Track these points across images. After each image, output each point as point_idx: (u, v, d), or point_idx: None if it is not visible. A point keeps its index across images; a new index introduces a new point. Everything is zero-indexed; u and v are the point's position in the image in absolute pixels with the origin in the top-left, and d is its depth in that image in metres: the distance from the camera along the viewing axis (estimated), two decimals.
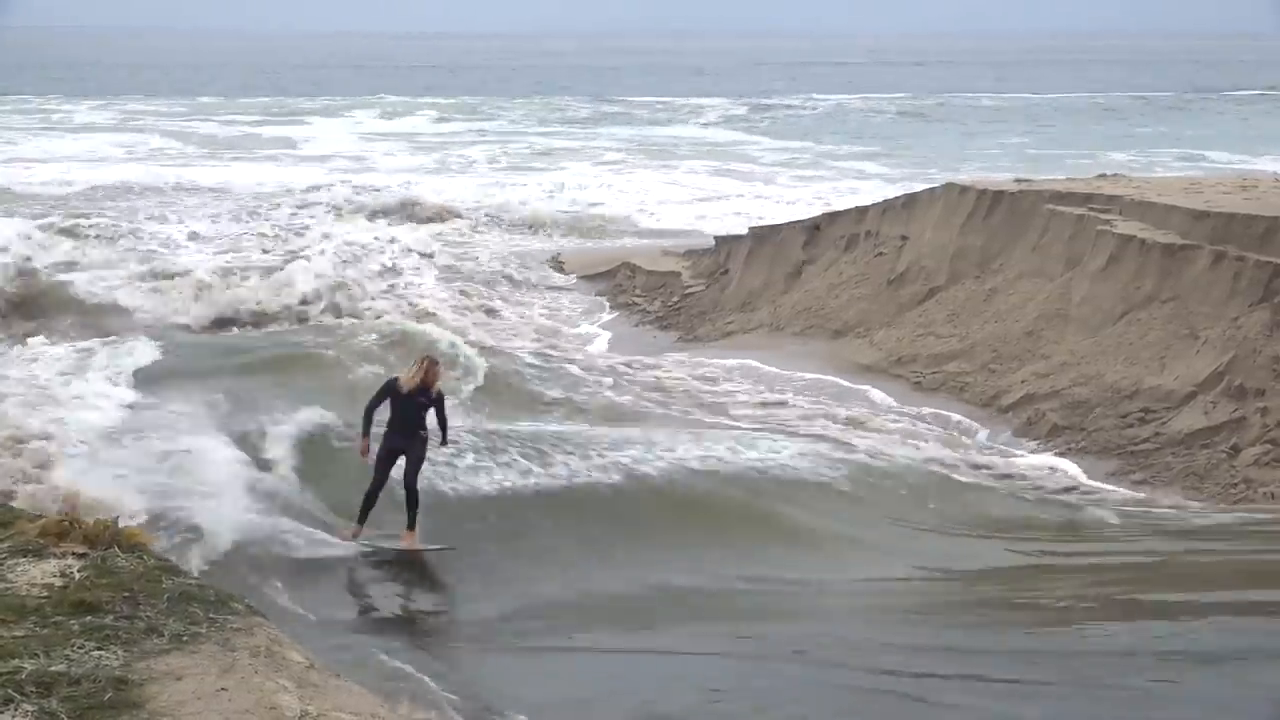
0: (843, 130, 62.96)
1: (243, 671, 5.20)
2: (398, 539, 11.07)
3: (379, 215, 32.94)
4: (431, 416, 11.19)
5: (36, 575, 5.98)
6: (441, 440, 11.42)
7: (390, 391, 11.14)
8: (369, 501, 11.11)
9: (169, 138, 55.61)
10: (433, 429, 11.29)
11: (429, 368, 11.16)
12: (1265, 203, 18.10)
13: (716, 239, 26.71)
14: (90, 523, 6.62)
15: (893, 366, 19.08)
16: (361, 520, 11.12)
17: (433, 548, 11.04)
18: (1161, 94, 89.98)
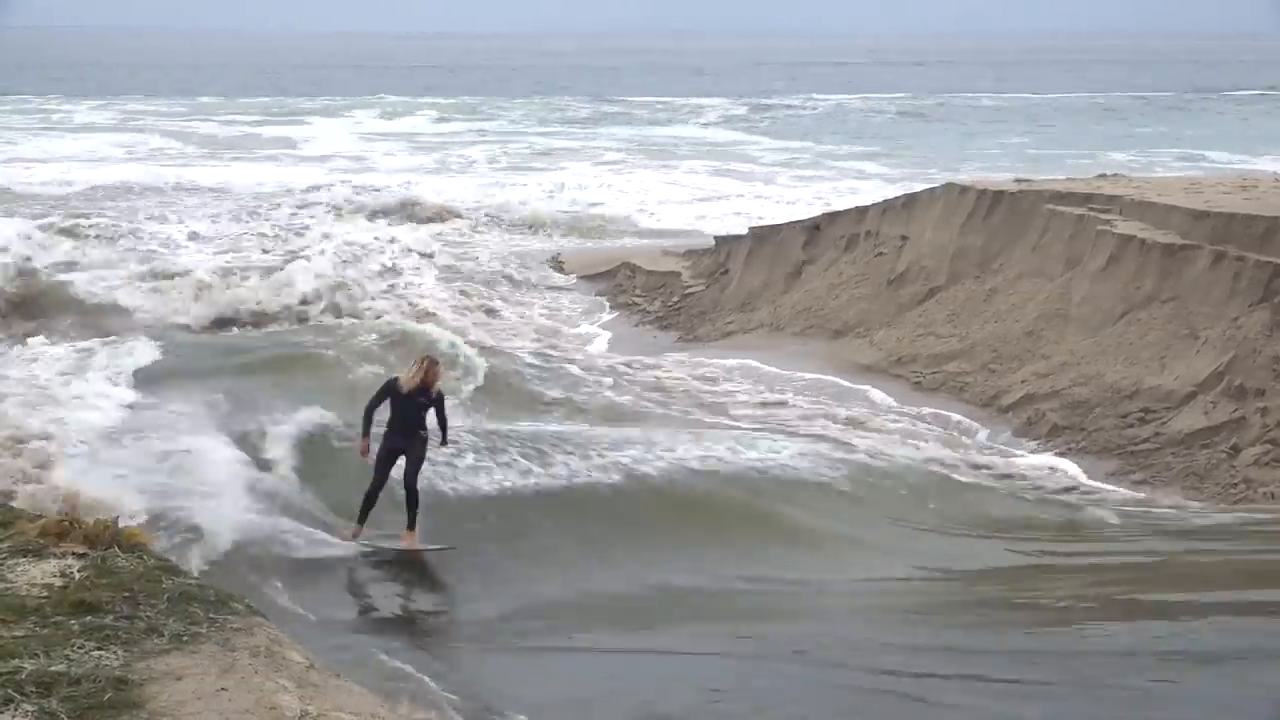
0: (843, 130, 62.96)
1: (243, 671, 5.20)
2: (398, 539, 11.07)
3: (379, 215, 32.94)
4: (431, 416, 11.20)
5: (36, 575, 5.97)
6: (441, 440, 11.42)
7: (390, 392, 11.14)
8: (369, 501, 11.11)
9: (169, 138, 55.61)
10: (432, 429, 11.29)
11: (429, 368, 11.15)
12: (1265, 203, 18.10)
13: (716, 239, 26.71)
14: (90, 523, 6.62)
15: (893, 366, 19.08)
16: (361, 520, 11.12)
17: (433, 548, 11.04)
18: (1161, 94, 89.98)
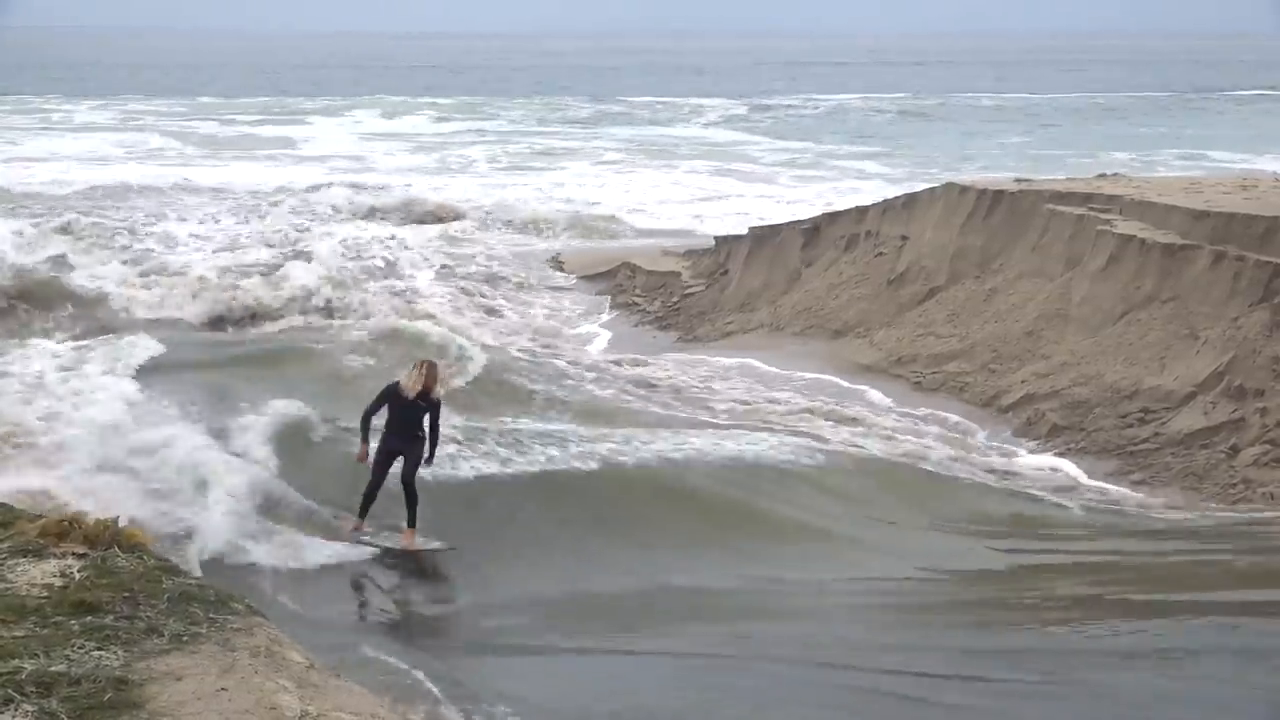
0: (843, 130, 62.96)
1: (243, 671, 5.20)
2: (398, 537, 11.07)
3: (379, 215, 32.90)
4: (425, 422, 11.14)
5: (36, 575, 5.97)
6: (428, 457, 11.14)
7: (390, 396, 11.12)
8: (368, 499, 11.12)
9: (169, 137, 55.61)
10: None
11: (429, 371, 11.13)
12: (1265, 203, 18.10)
13: (716, 239, 26.71)
14: (90, 523, 6.61)
15: (893, 366, 19.08)
16: (362, 515, 11.13)
17: (432, 547, 11.03)
18: (1161, 94, 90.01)
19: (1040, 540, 12.47)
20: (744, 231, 25.83)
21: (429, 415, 11.08)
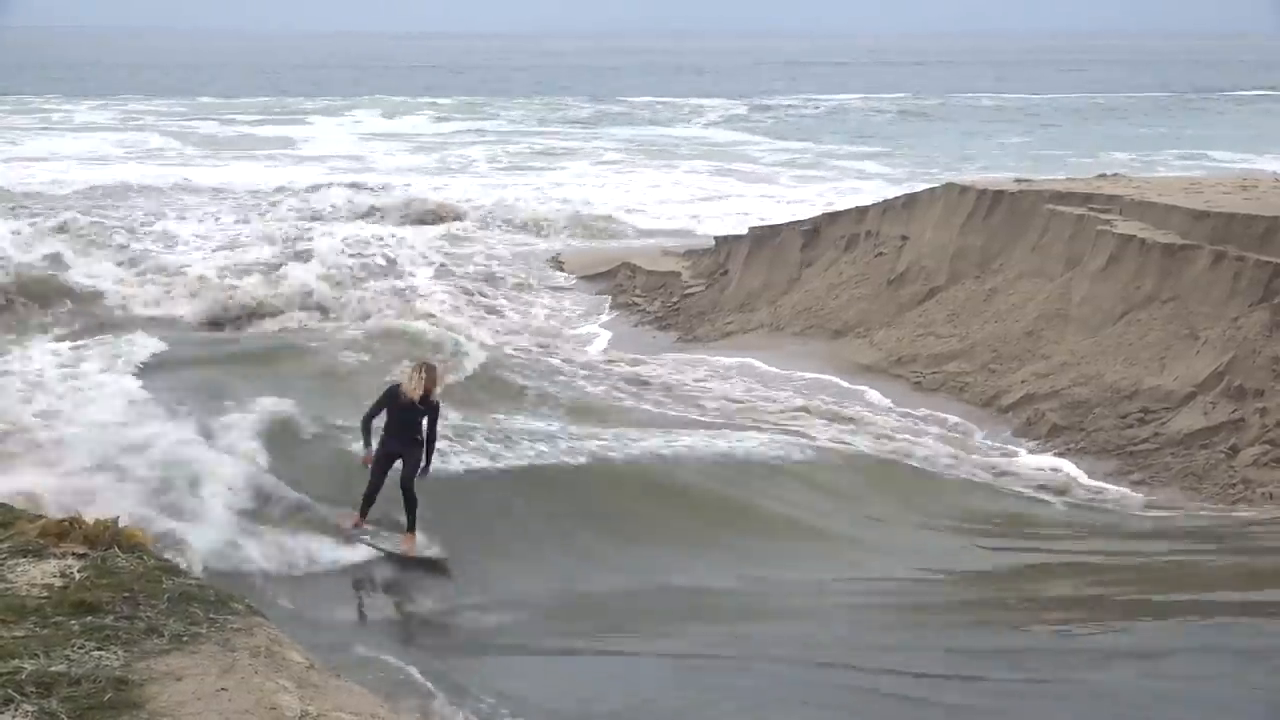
0: (843, 130, 62.96)
1: (243, 671, 5.20)
2: (397, 539, 11.05)
3: (379, 215, 32.90)
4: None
5: (36, 575, 5.97)
6: (424, 467, 11.05)
7: (391, 400, 11.08)
8: (368, 502, 11.10)
9: (169, 137, 55.62)
10: None
11: (429, 374, 11.11)
12: (1265, 203, 18.10)
13: (716, 239, 26.70)
14: (90, 523, 6.60)
15: (893, 366, 19.08)
16: (363, 513, 11.11)
17: (429, 555, 10.99)
18: (1161, 94, 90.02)
19: (1041, 540, 12.48)
20: (744, 232, 25.83)
21: (427, 419, 11.04)
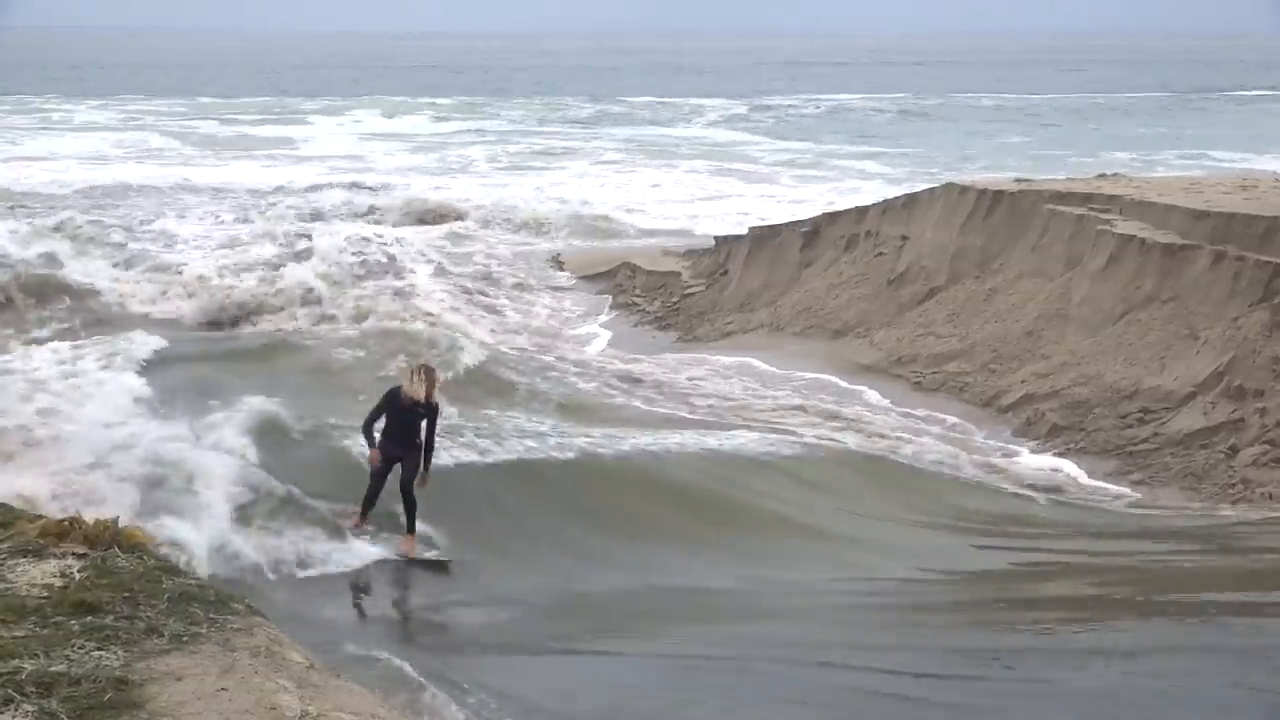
0: (844, 130, 62.95)
1: (243, 671, 5.20)
2: (398, 541, 11.04)
3: (379, 215, 32.90)
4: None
5: (36, 575, 5.97)
6: (423, 472, 11.03)
7: (391, 402, 11.07)
8: (368, 505, 11.10)
9: (169, 137, 55.61)
10: None
11: (429, 376, 11.10)
12: (1265, 203, 18.10)
13: (716, 239, 26.70)
14: (90, 523, 6.60)
15: (893, 366, 19.09)
16: (363, 515, 11.11)
17: (429, 556, 10.99)
18: (1161, 94, 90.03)
19: (1041, 540, 12.48)
20: (744, 232, 25.84)
21: (427, 423, 11.02)
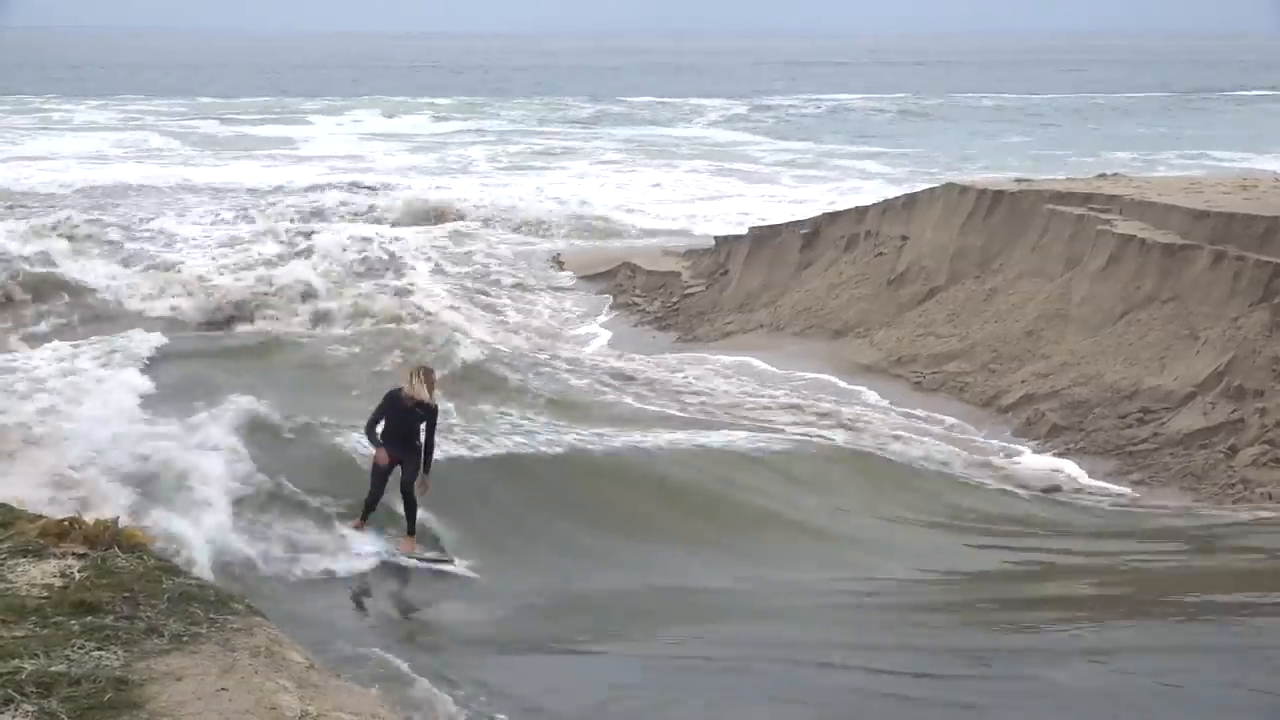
0: (844, 130, 62.96)
1: (243, 671, 5.20)
2: (398, 543, 11.04)
3: (379, 215, 32.91)
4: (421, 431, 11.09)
5: (36, 575, 5.97)
6: (424, 475, 11.00)
7: (391, 404, 11.07)
8: (369, 509, 11.09)
9: (169, 137, 55.62)
10: None
11: (428, 377, 11.10)
12: (1265, 203, 18.10)
13: (716, 239, 26.71)
14: (90, 523, 6.60)
15: (893, 366, 19.09)
16: (364, 518, 11.10)
17: (429, 556, 10.98)
18: (1161, 94, 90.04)
19: (1039, 540, 12.48)
20: (744, 232, 25.84)
21: (426, 424, 11.01)
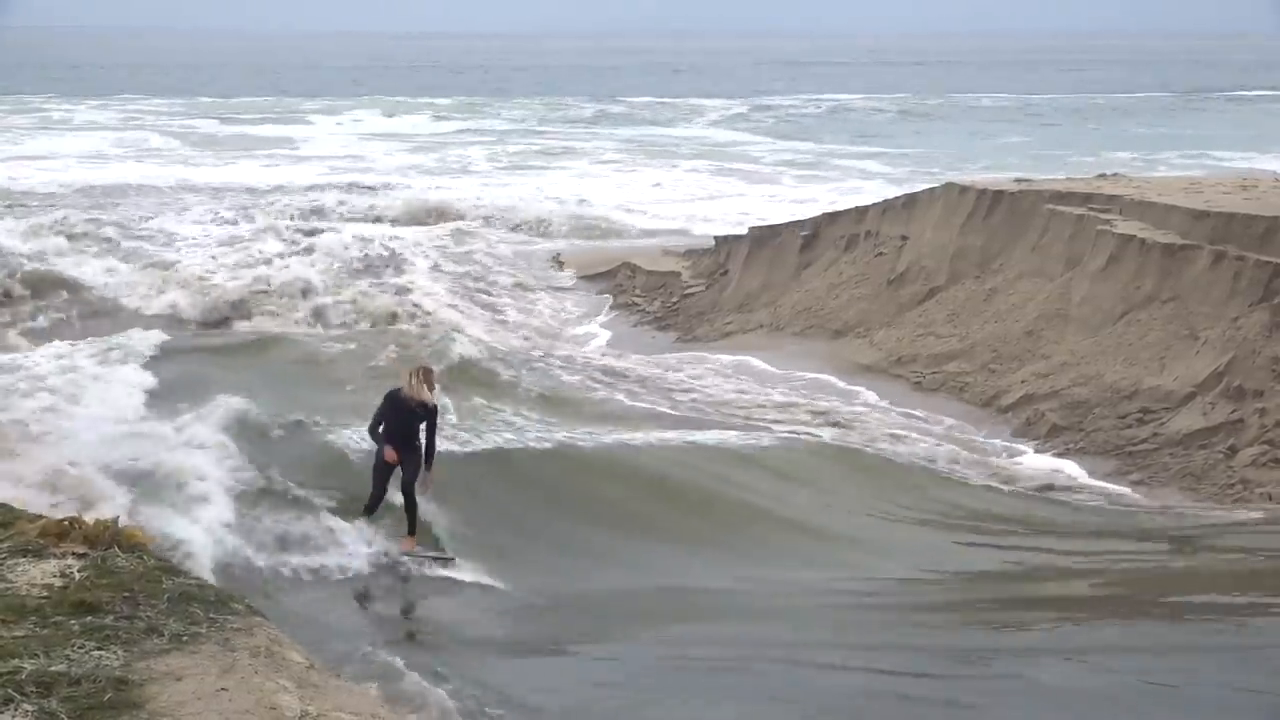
0: (845, 130, 62.96)
1: (243, 671, 5.20)
2: (398, 542, 11.04)
3: (379, 214, 32.91)
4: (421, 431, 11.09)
5: (36, 575, 5.97)
6: (425, 473, 11.01)
7: (391, 405, 11.06)
8: (369, 510, 11.09)
9: (169, 137, 55.63)
10: None
11: (427, 377, 11.10)
12: (1265, 203, 18.10)
13: (716, 239, 26.70)
14: (90, 523, 6.61)
15: (893, 366, 19.09)
16: (367, 518, 11.09)
17: (430, 554, 10.99)
18: (1161, 94, 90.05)
19: (1038, 540, 12.47)
20: (744, 232, 25.83)
21: (426, 424, 11.01)
